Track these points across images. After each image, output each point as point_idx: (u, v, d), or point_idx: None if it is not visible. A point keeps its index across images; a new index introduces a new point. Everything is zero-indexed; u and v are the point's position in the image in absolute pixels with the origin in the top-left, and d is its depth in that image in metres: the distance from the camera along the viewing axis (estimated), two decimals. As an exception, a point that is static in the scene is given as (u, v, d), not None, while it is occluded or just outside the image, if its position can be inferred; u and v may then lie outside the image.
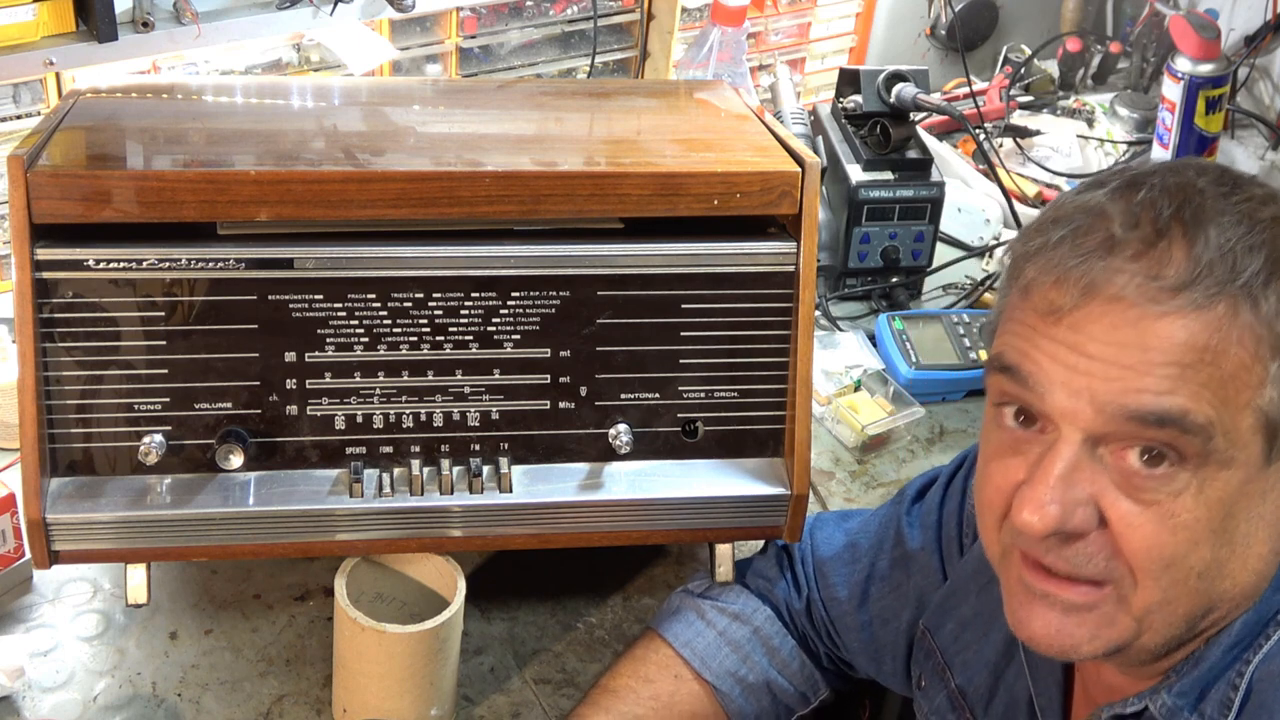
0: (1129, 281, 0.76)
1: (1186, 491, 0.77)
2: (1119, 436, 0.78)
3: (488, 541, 1.12)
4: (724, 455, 1.13)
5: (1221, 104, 1.77)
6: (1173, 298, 0.76)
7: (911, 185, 1.65)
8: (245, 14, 1.50)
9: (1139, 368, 0.76)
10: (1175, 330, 0.76)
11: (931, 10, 2.11)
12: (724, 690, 1.13)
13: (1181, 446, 0.77)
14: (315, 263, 1.05)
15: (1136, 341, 0.76)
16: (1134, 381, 0.76)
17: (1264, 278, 0.76)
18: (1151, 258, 0.77)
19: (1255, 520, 0.80)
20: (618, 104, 1.38)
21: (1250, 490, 0.79)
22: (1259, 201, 0.79)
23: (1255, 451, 0.78)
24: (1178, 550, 0.78)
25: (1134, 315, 0.76)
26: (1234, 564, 0.80)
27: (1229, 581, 0.81)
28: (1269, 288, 0.76)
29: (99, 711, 1.12)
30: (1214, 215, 0.77)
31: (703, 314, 1.11)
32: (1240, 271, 0.76)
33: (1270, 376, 0.77)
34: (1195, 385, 0.76)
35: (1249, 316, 0.76)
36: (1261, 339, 0.76)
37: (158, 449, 1.04)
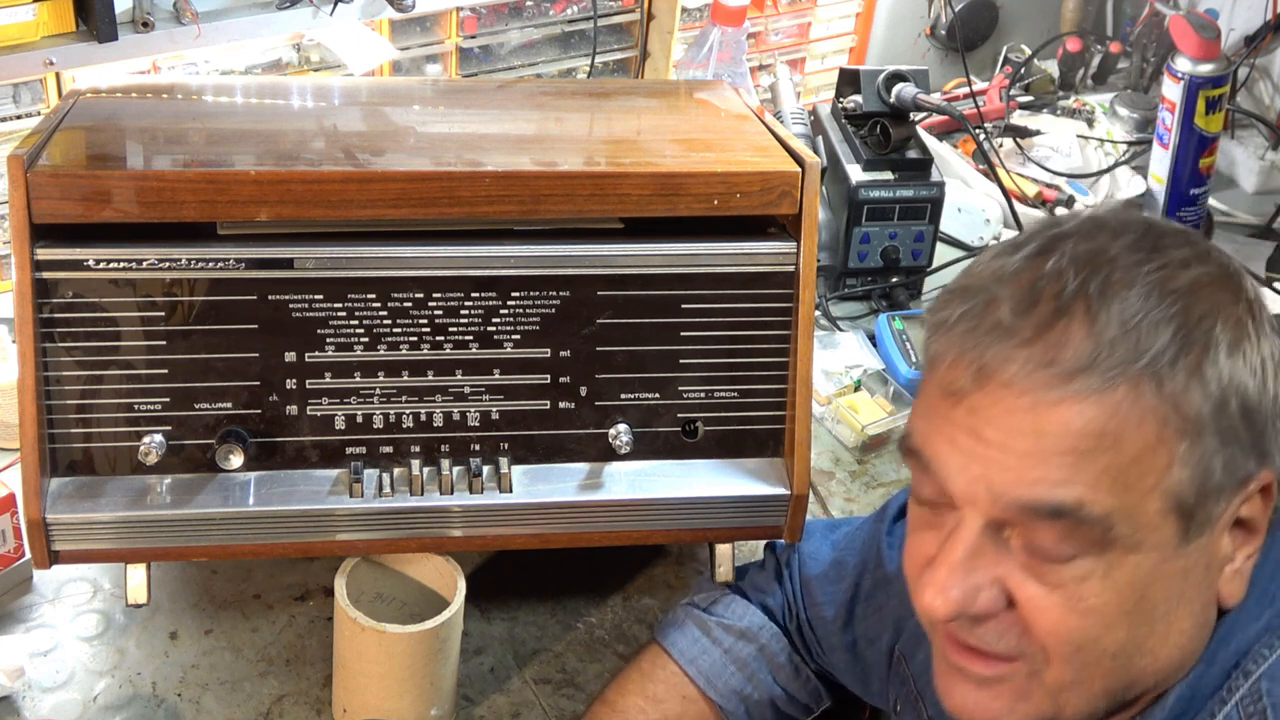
0: (1020, 369, 0.74)
1: (1093, 576, 0.75)
2: (1019, 522, 0.76)
3: (488, 541, 1.12)
4: (724, 455, 1.13)
5: (1221, 104, 1.77)
6: (1068, 383, 0.73)
7: (911, 185, 1.65)
8: (245, 14, 1.50)
9: (1035, 455, 0.74)
10: (1071, 417, 0.73)
11: (931, 10, 2.11)
12: (729, 710, 1.13)
13: (1080, 535, 0.75)
14: (315, 263, 1.05)
15: (1031, 428, 0.74)
16: (1029, 471, 0.74)
17: (1171, 355, 0.73)
18: (1047, 341, 0.74)
19: (1175, 600, 0.78)
20: (618, 104, 1.38)
21: (1167, 570, 0.76)
22: (1177, 266, 0.76)
23: (1167, 534, 0.75)
24: (1088, 633, 0.77)
25: (1028, 402, 0.74)
26: (1154, 642, 0.78)
27: (1150, 658, 0.79)
28: (1176, 365, 0.73)
29: (99, 711, 1.12)
30: (1121, 288, 0.74)
31: (703, 314, 1.11)
32: (1144, 350, 0.73)
33: (1178, 457, 0.74)
34: (1093, 473, 0.74)
35: (1152, 399, 0.73)
36: (1167, 420, 0.74)
37: (158, 449, 1.04)
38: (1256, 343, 0.76)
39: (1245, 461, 0.76)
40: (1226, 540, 0.78)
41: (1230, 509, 0.77)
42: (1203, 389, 0.74)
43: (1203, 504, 0.75)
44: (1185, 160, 1.79)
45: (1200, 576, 0.78)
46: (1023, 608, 0.78)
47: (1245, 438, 0.75)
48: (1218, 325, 0.74)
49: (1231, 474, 0.76)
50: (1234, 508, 0.77)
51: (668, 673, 1.13)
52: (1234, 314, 0.76)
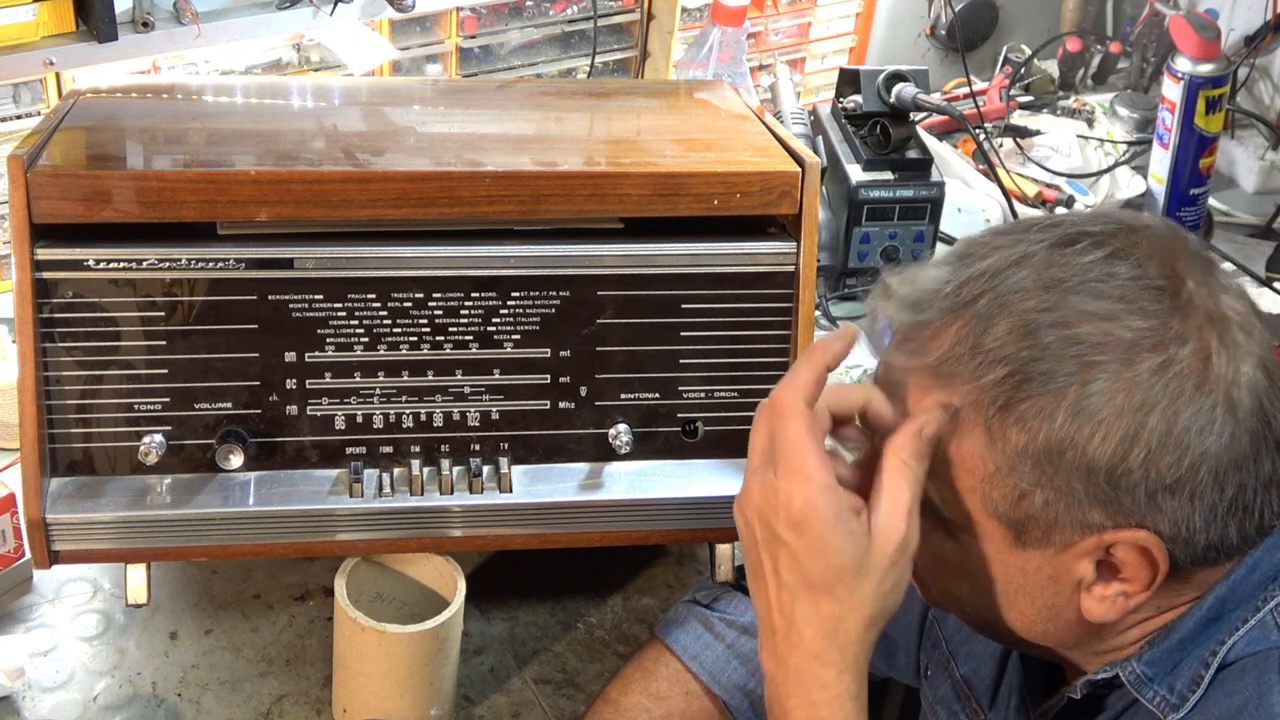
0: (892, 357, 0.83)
1: (939, 533, 0.84)
2: None
3: (488, 541, 1.12)
4: (724, 455, 1.13)
5: (1221, 104, 1.77)
6: (914, 376, 0.81)
7: (911, 185, 1.65)
8: (245, 14, 1.50)
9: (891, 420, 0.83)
10: (910, 402, 0.82)
11: (931, 10, 2.11)
12: (734, 704, 1.13)
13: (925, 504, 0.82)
14: (315, 263, 1.05)
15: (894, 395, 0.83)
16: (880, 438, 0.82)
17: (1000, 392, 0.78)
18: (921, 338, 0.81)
19: (1015, 590, 0.83)
20: (618, 104, 1.38)
21: (1003, 561, 0.82)
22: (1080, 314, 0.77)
23: (994, 532, 0.81)
24: (936, 574, 0.87)
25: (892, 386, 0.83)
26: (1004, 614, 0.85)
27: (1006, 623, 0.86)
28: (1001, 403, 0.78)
29: (99, 711, 1.12)
30: (1000, 315, 0.78)
31: (703, 314, 1.11)
32: (979, 377, 0.78)
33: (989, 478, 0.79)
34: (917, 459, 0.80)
35: (977, 417, 0.79)
36: (986, 442, 0.79)
37: (158, 449, 1.04)
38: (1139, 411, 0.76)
39: (1087, 511, 0.78)
40: (1085, 566, 0.81)
41: (1082, 544, 0.79)
42: (1026, 433, 0.77)
43: (1030, 527, 0.80)
44: (1185, 160, 1.79)
45: (1045, 582, 0.82)
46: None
47: (1086, 490, 0.77)
48: (1076, 383, 0.76)
49: (1065, 515, 0.79)
50: (1087, 545, 0.79)
51: (671, 669, 1.13)
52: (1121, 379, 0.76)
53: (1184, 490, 0.77)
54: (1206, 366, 0.76)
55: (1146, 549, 0.79)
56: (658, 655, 1.15)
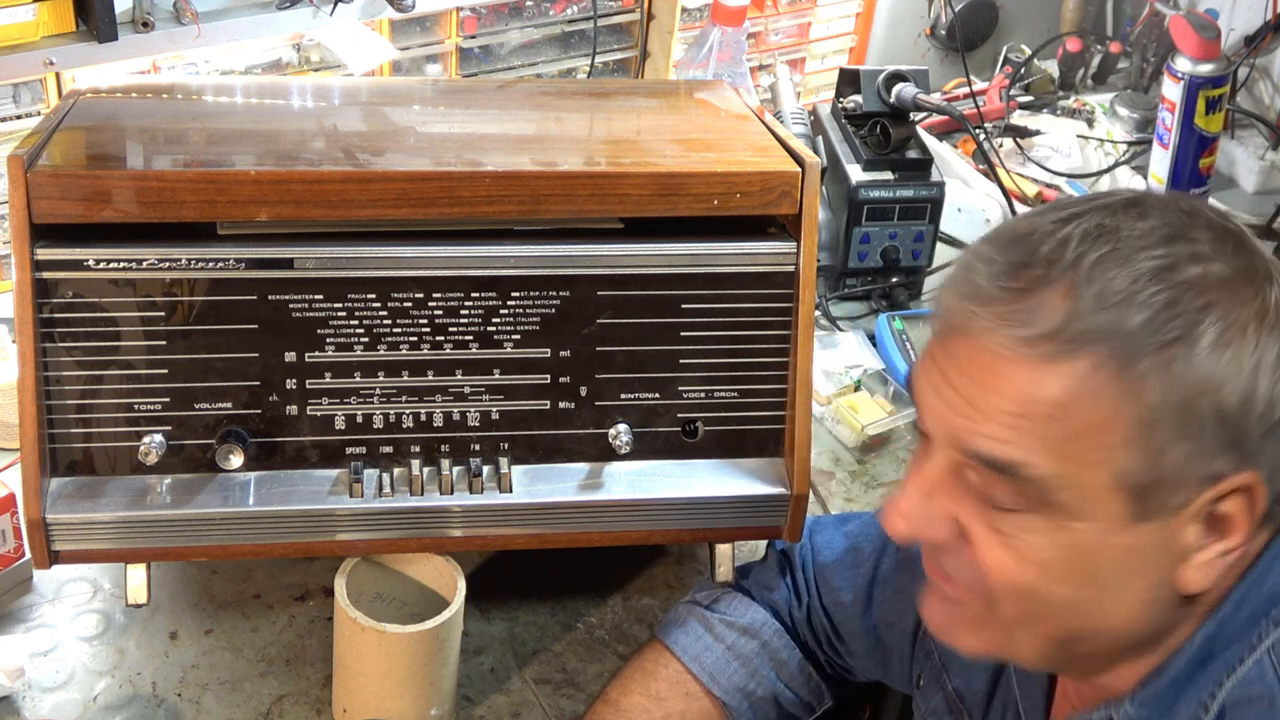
0: (992, 324, 0.77)
1: (1039, 532, 0.78)
2: (974, 468, 0.79)
3: (488, 541, 1.12)
4: (724, 455, 1.13)
5: (1221, 104, 1.77)
6: (1031, 347, 0.75)
7: (911, 185, 1.65)
8: (245, 14, 1.50)
9: (984, 410, 0.77)
10: (1026, 381, 0.76)
11: (931, 10, 2.11)
12: (733, 706, 1.13)
13: (1023, 494, 0.77)
14: (315, 263, 1.05)
15: (987, 385, 0.77)
16: (978, 424, 0.78)
17: (1141, 340, 0.74)
18: (1026, 304, 0.76)
19: (1121, 573, 0.79)
20: (618, 104, 1.38)
21: (1115, 543, 0.78)
22: (1186, 258, 0.76)
23: (1117, 509, 0.77)
24: (1031, 583, 0.79)
25: (990, 359, 0.77)
26: (1101, 606, 0.80)
27: (1098, 620, 0.81)
28: (1144, 351, 0.74)
29: (99, 711, 1.12)
30: (1114, 266, 0.75)
31: (703, 314, 1.11)
32: (1114, 330, 0.74)
33: (1129, 440, 0.75)
34: (1035, 438, 0.76)
35: (1112, 378, 0.74)
36: (1122, 401, 0.75)
37: (158, 449, 1.04)
38: (1256, 347, 0.75)
39: (1214, 460, 0.76)
40: (1193, 531, 0.78)
41: (1197, 502, 0.77)
42: (1168, 380, 0.74)
43: (1157, 490, 0.76)
44: (1185, 160, 1.79)
45: (1153, 557, 0.79)
46: (975, 547, 0.80)
47: (1216, 437, 0.75)
48: (1205, 322, 0.74)
49: (1194, 469, 0.76)
50: (1202, 502, 0.77)
51: (671, 670, 1.13)
52: (1237, 315, 0.75)
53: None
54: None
55: (1252, 493, 0.77)
56: (657, 656, 1.15)
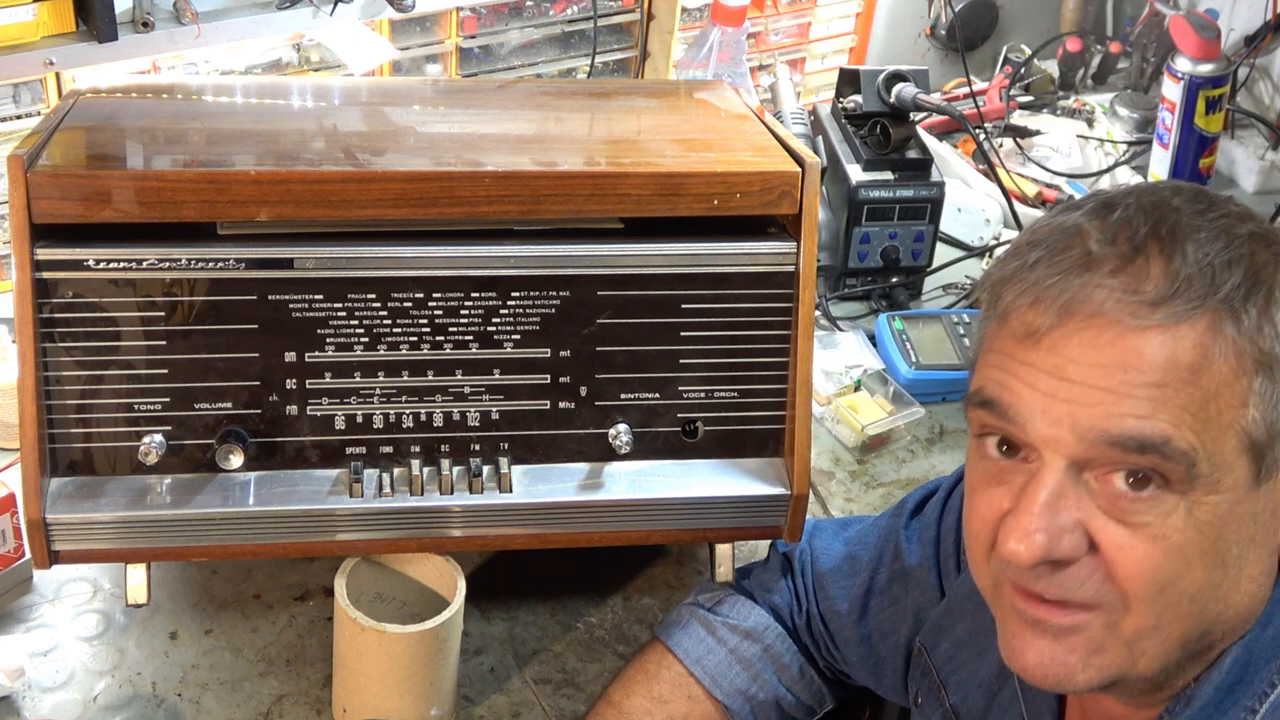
0: (1108, 296, 0.75)
1: (1175, 513, 0.76)
2: (1103, 461, 0.76)
3: (488, 541, 1.12)
4: (724, 455, 1.13)
5: (1221, 104, 1.77)
6: (1152, 312, 0.74)
7: (911, 185, 1.65)
8: (245, 14, 1.50)
9: (1119, 390, 0.75)
10: (1155, 347, 0.74)
11: (931, 10, 2.11)
12: (735, 709, 1.13)
13: (1165, 471, 0.75)
14: (315, 263, 1.05)
15: (1116, 361, 0.75)
16: (1114, 405, 0.75)
17: (1244, 291, 0.75)
18: (1130, 273, 0.75)
19: (1246, 543, 0.78)
20: (618, 104, 1.38)
21: (1240, 512, 0.77)
22: (1235, 218, 0.78)
23: (1242, 474, 0.76)
24: (1170, 572, 0.77)
25: (1112, 334, 0.75)
26: (1227, 586, 0.79)
27: (1223, 605, 0.79)
28: (1250, 301, 0.75)
29: (99, 711, 1.12)
30: (1190, 231, 0.76)
31: (703, 314, 1.11)
32: (1220, 285, 0.74)
33: (1254, 393, 0.75)
34: (1176, 408, 0.74)
35: (1231, 330, 0.74)
36: (1244, 353, 0.75)
37: (158, 449, 1.04)
38: None
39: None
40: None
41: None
42: (1273, 327, 0.75)
43: (1272, 445, 0.76)
44: (1185, 160, 1.79)
45: (1267, 521, 0.78)
46: (1106, 550, 0.77)
47: None
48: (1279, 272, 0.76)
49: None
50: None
51: (673, 673, 1.13)
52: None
53: None
54: None
55: None
56: (659, 658, 1.15)
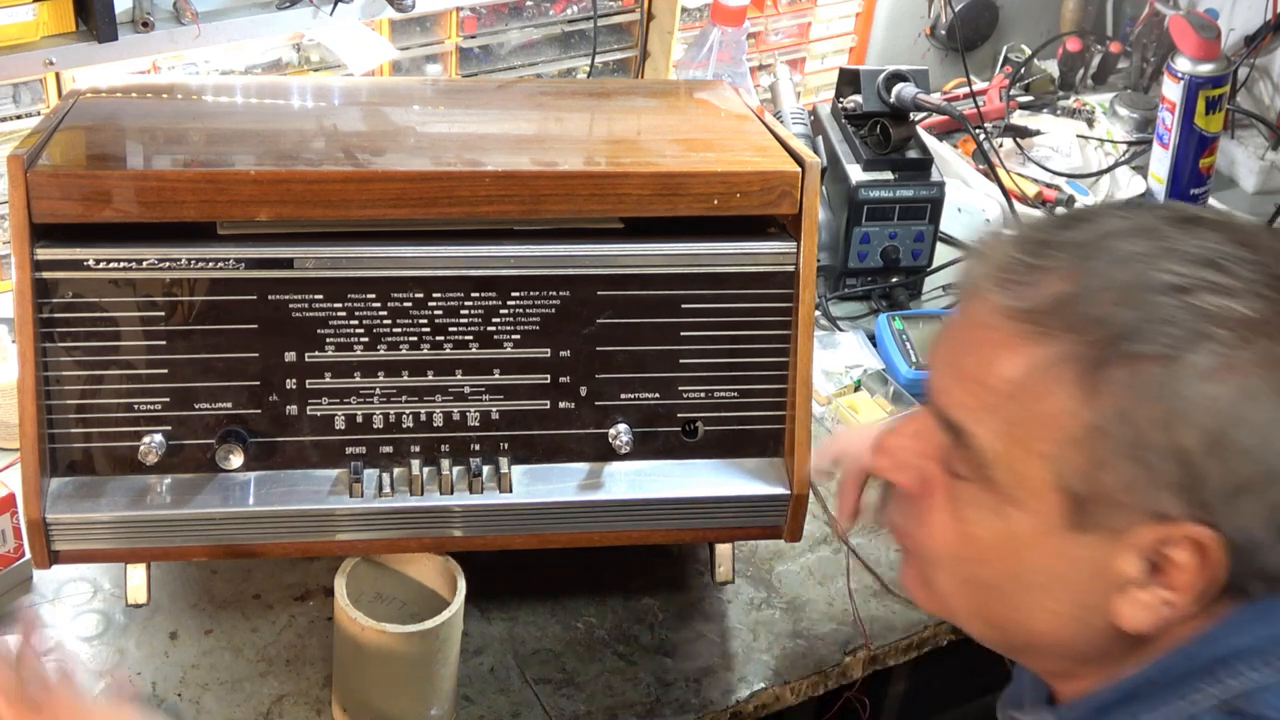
0: (986, 295, 0.78)
1: (981, 508, 0.78)
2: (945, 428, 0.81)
3: (488, 541, 1.12)
4: (724, 455, 1.13)
5: (1221, 104, 1.77)
6: (1010, 320, 0.75)
7: (911, 185, 1.65)
8: (245, 14, 1.50)
9: (958, 374, 0.79)
10: (999, 353, 0.76)
11: (931, 10, 2.11)
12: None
13: (966, 460, 0.78)
14: (315, 263, 1.05)
15: (968, 349, 0.79)
16: (950, 383, 0.80)
17: (1114, 344, 0.72)
18: (1022, 281, 0.76)
19: (1052, 578, 0.77)
20: (618, 104, 1.38)
21: (1050, 544, 0.76)
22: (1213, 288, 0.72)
23: (1051, 508, 0.75)
24: (963, 554, 0.80)
25: (975, 325, 0.78)
26: (1025, 604, 0.79)
27: (1022, 617, 0.80)
28: (1114, 355, 0.72)
29: (99, 711, 1.12)
30: (1134, 267, 0.73)
31: (703, 314, 1.11)
32: (1090, 322, 0.73)
33: (1075, 440, 0.73)
34: (988, 410, 0.76)
35: (1074, 373, 0.73)
36: (1079, 401, 0.73)
37: (158, 449, 1.04)
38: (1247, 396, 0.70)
39: (1161, 496, 0.72)
40: (1133, 564, 0.75)
41: (1141, 535, 0.74)
42: (1131, 393, 0.71)
43: (1095, 504, 0.74)
44: (1185, 160, 1.79)
45: (1086, 574, 0.76)
46: (928, 501, 0.82)
47: (1168, 472, 0.72)
48: (1198, 351, 0.70)
49: (1138, 497, 0.73)
50: (1147, 537, 0.73)
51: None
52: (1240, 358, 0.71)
53: (1266, 494, 0.71)
54: None
55: (1207, 551, 0.73)
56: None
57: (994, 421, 0.76)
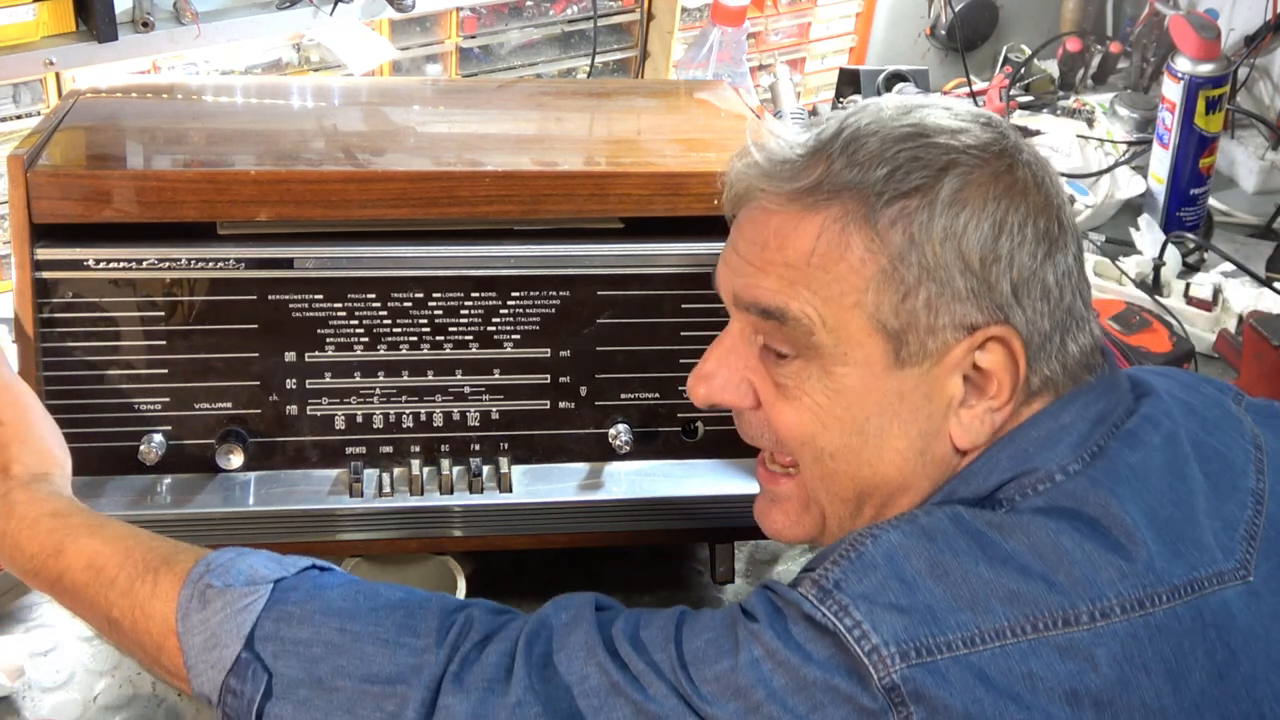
0: (767, 187, 0.86)
1: (808, 378, 0.86)
2: (755, 326, 0.88)
3: (488, 541, 1.12)
4: (724, 455, 1.13)
5: (1221, 104, 1.77)
6: (792, 201, 0.84)
7: (911, 185, 1.65)
8: (245, 14, 1.50)
9: (758, 265, 0.86)
10: (790, 232, 0.84)
11: (931, 10, 2.11)
12: None
13: (791, 339, 0.85)
14: (315, 263, 1.05)
15: (759, 240, 0.86)
16: (753, 278, 0.86)
17: (884, 190, 0.82)
18: (795, 168, 0.85)
19: (888, 417, 0.84)
20: (618, 104, 1.38)
21: (879, 387, 0.84)
22: (944, 133, 0.84)
23: (875, 351, 0.84)
24: (806, 429, 0.86)
25: (763, 217, 0.86)
26: (868, 453, 0.85)
27: (869, 470, 0.86)
28: (886, 200, 0.82)
29: (99, 711, 1.12)
30: (868, 136, 0.84)
31: (703, 314, 1.11)
32: (860, 181, 0.82)
33: (875, 282, 0.82)
34: (799, 285, 0.84)
35: (858, 224, 0.82)
36: (868, 247, 0.82)
37: (158, 449, 1.04)
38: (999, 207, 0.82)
39: (964, 307, 0.82)
40: (956, 384, 0.84)
41: (956, 351, 0.83)
42: (908, 226, 0.82)
43: (911, 333, 0.83)
44: (1185, 160, 1.79)
45: (918, 404, 0.84)
46: (765, 403, 0.89)
47: (964, 284, 0.82)
48: (946, 179, 0.82)
49: (945, 315, 0.82)
50: (960, 351, 0.83)
51: None
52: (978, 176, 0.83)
53: (1038, 285, 0.83)
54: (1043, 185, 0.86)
55: (1011, 348, 0.83)
56: None
57: (806, 292, 0.84)
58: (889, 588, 0.76)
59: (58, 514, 0.92)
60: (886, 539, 0.78)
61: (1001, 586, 0.76)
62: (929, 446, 0.85)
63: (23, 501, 0.92)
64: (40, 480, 0.94)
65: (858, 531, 0.80)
